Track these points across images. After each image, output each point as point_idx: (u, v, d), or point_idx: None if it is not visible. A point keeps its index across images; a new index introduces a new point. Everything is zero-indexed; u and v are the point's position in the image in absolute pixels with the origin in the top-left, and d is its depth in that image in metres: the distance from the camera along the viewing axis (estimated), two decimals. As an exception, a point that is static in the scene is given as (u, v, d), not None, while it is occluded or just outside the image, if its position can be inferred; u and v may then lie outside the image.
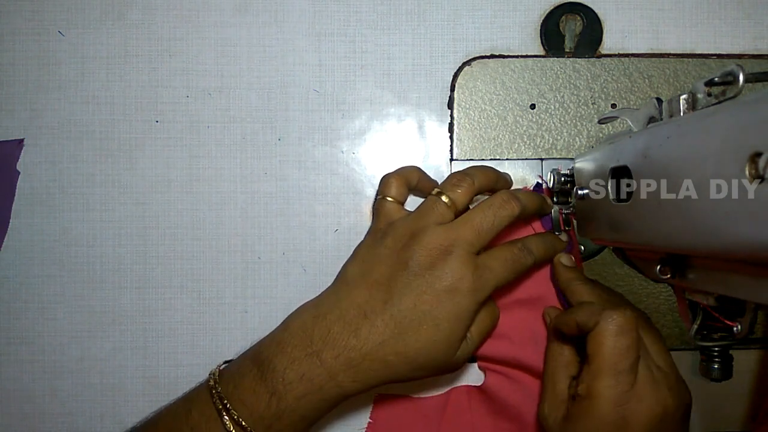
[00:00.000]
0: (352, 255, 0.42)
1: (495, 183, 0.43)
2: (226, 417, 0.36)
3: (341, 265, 0.48)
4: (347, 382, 0.37)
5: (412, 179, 0.44)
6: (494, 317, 0.42)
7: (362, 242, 0.43)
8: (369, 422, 0.47)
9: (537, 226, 0.46)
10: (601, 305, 0.38)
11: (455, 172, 0.42)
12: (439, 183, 0.42)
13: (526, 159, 0.48)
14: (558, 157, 0.48)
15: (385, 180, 0.44)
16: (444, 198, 0.40)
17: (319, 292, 0.48)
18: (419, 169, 0.45)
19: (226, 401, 0.37)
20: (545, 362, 0.42)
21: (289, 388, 0.36)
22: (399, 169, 0.45)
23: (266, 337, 0.40)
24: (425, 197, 0.42)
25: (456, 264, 0.37)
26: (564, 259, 0.44)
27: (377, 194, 0.44)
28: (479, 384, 0.47)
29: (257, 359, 0.38)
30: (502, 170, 0.48)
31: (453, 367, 0.40)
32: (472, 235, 0.38)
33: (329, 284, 0.48)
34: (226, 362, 0.41)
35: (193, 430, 0.37)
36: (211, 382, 0.38)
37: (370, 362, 0.37)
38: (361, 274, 0.40)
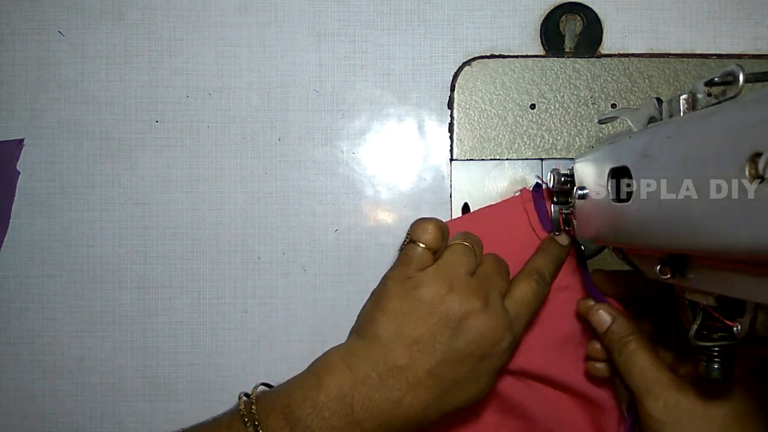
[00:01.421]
0: (377, 304, 0.39)
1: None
2: None
3: (341, 265, 0.48)
4: None
5: (445, 233, 0.40)
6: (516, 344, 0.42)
7: (387, 289, 0.39)
8: None
9: (537, 227, 0.46)
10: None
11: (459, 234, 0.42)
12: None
13: (526, 159, 0.48)
14: (558, 157, 0.48)
15: (421, 225, 0.39)
16: (468, 245, 0.40)
17: (319, 293, 0.48)
18: (447, 228, 0.41)
19: None
20: (622, 366, 0.39)
21: None
22: (434, 219, 0.41)
23: (295, 386, 0.37)
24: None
25: (497, 321, 0.38)
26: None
27: (407, 237, 0.40)
28: None
29: (290, 417, 0.35)
30: (502, 170, 0.48)
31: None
32: (501, 283, 0.40)
33: (329, 284, 0.48)
34: (261, 384, 0.39)
35: None
36: (248, 425, 0.35)
37: (410, 427, 0.37)
38: (397, 332, 0.37)
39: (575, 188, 0.40)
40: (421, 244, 0.39)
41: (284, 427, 0.35)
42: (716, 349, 0.33)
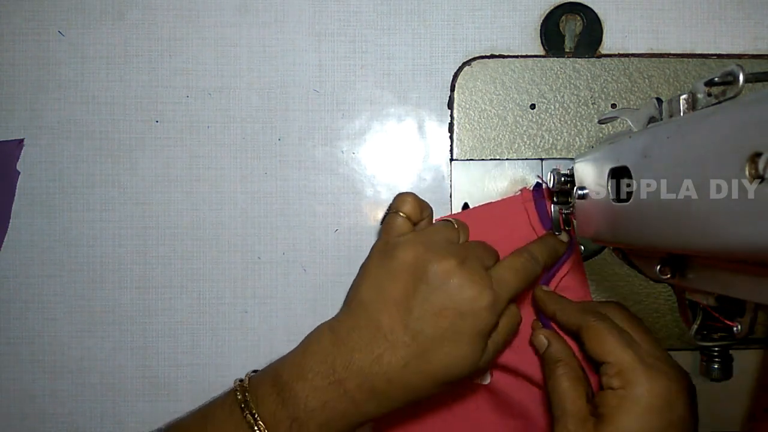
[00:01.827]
0: (360, 273, 0.41)
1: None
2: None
3: (341, 265, 0.48)
4: (371, 408, 0.37)
5: (425, 208, 0.43)
6: (515, 322, 0.42)
7: (369, 258, 0.41)
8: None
9: (537, 227, 0.46)
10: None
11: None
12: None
13: (526, 159, 0.48)
14: (558, 157, 0.48)
15: (401, 197, 0.43)
16: (453, 223, 0.41)
17: (319, 293, 0.48)
18: (431, 208, 0.44)
19: (255, 413, 0.36)
20: (549, 388, 0.41)
21: (312, 415, 0.36)
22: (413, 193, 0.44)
23: (286, 357, 0.39)
24: None
25: (474, 279, 0.37)
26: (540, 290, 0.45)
27: (389, 209, 0.43)
28: (485, 382, 0.47)
29: (277, 383, 0.37)
30: (502, 170, 0.48)
31: (475, 375, 0.41)
32: (484, 253, 0.40)
33: (329, 284, 0.48)
34: (253, 371, 0.40)
35: None
36: (239, 396, 0.37)
37: (394, 388, 0.37)
38: (375, 292, 0.39)
39: (575, 188, 0.40)
40: (401, 214, 0.42)
41: (271, 393, 0.37)
42: (716, 349, 0.33)
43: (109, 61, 0.49)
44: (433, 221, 0.45)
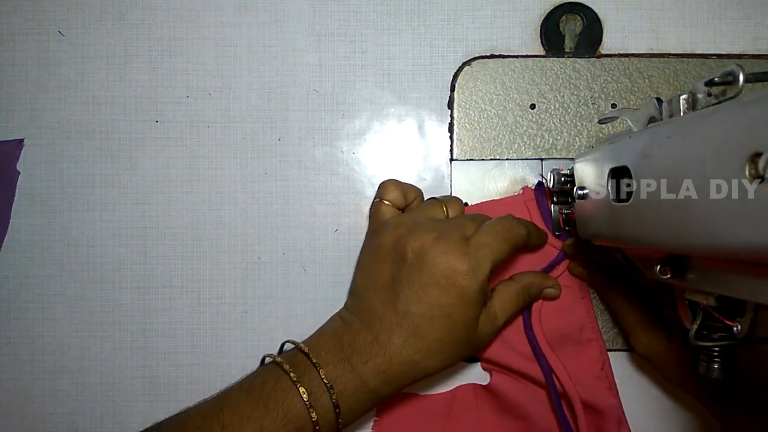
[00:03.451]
0: (357, 263, 0.44)
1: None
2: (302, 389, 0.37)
3: (341, 265, 0.49)
4: (379, 386, 0.38)
5: (409, 191, 0.45)
6: (518, 297, 0.42)
7: (362, 248, 0.44)
8: (375, 419, 0.47)
9: (539, 225, 0.46)
10: None
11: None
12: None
13: (526, 159, 0.48)
14: (558, 157, 0.48)
15: (384, 184, 0.45)
16: (439, 199, 0.42)
17: (319, 293, 0.48)
18: (419, 190, 0.46)
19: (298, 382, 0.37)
20: (617, 312, 0.44)
21: (326, 411, 0.37)
22: (397, 179, 0.46)
23: (302, 342, 0.41)
24: None
25: (448, 248, 0.38)
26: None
27: (375, 198, 0.45)
28: (485, 383, 0.47)
29: (293, 361, 0.38)
30: (502, 170, 0.48)
31: (482, 345, 0.42)
32: (464, 225, 0.39)
33: (329, 284, 0.49)
34: (270, 355, 0.41)
35: (224, 429, 0.36)
36: (284, 365, 0.38)
37: (398, 365, 0.37)
38: (367, 279, 0.40)
39: (575, 188, 0.40)
40: (386, 201, 0.43)
41: (288, 370, 0.38)
42: (716, 349, 0.33)
43: (109, 61, 0.49)
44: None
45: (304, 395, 0.36)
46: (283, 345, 0.41)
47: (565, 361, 0.44)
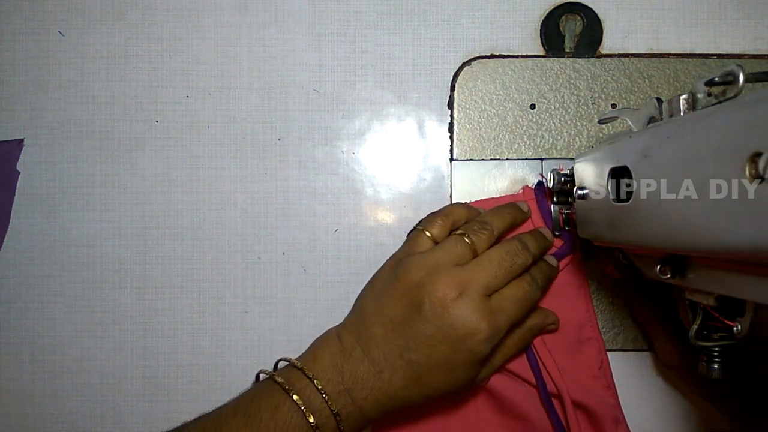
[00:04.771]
0: (370, 281, 0.42)
1: (510, 225, 0.44)
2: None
3: (341, 265, 0.49)
4: (374, 415, 0.38)
5: (459, 222, 0.43)
6: (520, 342, 0.43)
7: (381, 269, 0.42)
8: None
9: (539, 224, 0.46)
10: None
11: (478, 218, 0.42)
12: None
13: (526, 159, 0.48)
14: (558, 157, 0.48)
15: (431, 218, 0.43)
16: (467, 239, 0.40)
17: (319, 293, 0.48)
18: (467, 206, 0.44)
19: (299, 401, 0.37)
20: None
21: (326, 421, 0.37)
22: (448, 208, 0.44)
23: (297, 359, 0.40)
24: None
25: (470, 312, 0.37)
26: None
27: (418, 224, 0.43)
28: (483, 383, 0.47)
29: (292, 387, 0.38)
30: (502, 170, 0.48)
31: (477, 384, 0.42)
32: (488, 278, 0.38)
33: (329, 284, 0.49)
34: (266, 370, 0.41)
35: None
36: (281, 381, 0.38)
37: (395, 401, 0.38)
38: (375, 307, 0.39)
39: (575, 188, 0.40)
40: (427, 233, 0.41)
41: (285, 398, 0.37)
42: (716, 349, 0.33)
43: (109, 61, 0.49)
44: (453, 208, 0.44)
45: (311, 418, 0.36)
46: (277, 363, 0.41)
47: (563, 359, 0.44)
